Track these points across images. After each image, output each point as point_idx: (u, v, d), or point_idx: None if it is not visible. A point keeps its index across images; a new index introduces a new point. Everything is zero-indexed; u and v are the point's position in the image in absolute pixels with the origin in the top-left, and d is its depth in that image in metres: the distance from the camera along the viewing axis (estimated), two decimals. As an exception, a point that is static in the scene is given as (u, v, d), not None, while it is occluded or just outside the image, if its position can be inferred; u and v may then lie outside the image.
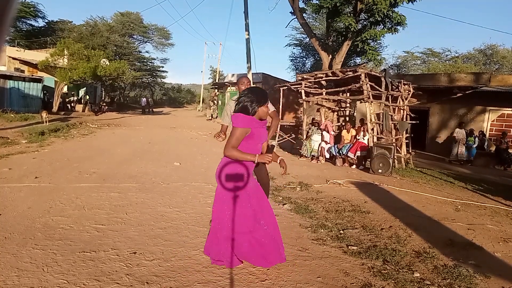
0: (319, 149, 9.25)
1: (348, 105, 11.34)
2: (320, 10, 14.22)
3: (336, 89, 10.40)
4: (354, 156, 8.64)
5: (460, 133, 11.54)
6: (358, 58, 24.79)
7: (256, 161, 2.68)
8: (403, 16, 12.71)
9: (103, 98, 32.21)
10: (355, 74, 9.12)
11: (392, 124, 9.43)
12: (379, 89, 9.13)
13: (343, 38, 14.80)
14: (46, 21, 35.25)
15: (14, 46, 24.99)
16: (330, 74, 10.16)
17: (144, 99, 34.66)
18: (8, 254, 2.79)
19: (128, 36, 39.87)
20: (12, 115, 14.48)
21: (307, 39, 24.18)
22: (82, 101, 24.24)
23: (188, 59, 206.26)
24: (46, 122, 13.23)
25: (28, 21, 33.79)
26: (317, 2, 14.10)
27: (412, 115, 10.60)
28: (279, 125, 3.68)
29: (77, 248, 2.98)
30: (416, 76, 16.27)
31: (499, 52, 29.63)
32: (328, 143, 9.36)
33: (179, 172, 6.63)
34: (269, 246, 2.75)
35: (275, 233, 2.86)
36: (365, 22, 14.39)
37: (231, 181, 2.77)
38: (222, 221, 2.76)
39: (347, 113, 11.48)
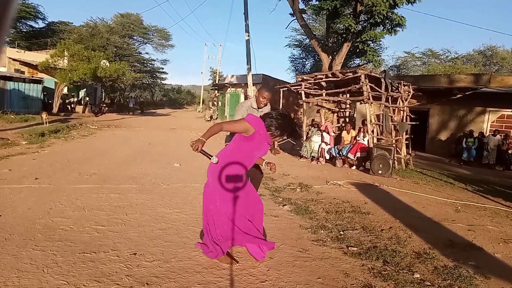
0: (319, 150, 9.25)
1: (348, 106, 11.35)
2: (320, 11, 14.27)
3: (336, 90, 10.40)
4: (354, 157, 8.64)
5: (491, 140, 11.40)
6: (358, 59, 24.84)
7: (191, 144, 2.56)
8: (403, 17, 12.74)
9: (103, 99, 32.23)
10: (355, 75, 9.13)
11: (392, 125, 9.44)
12: (379, 90, 9.13)
13: (343, 39, 14.83)
14: (46, 22, 35.39)
15: (14, 47, 25.02)
16: (330, 75, 10.17)
17: (132, 100, 34.88)
18: (8, 255, 2.79)
19: (128, 37, 39.96)
20: (12, 116, 14.49)
21: (307, 40, 24.24)
22: (82, 102, 24.26)
23: (188, 60, 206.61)
24: (46, 123, 13.23)
25: (28, 22, 33.91)
26: (317, 3, 14.13)
27: (412, 116, 10.60)
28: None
29: (77, 249, 2.98)
30: (416, 77, 16.29)
31: (499, 53, 29.70)
32: (328, 144, 9.36)
33: (179, 173, 6.63)
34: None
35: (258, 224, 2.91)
36: (365, 24, 14.42)
37: (231, 182, 2.77)
38: (220, 219, 2.77)
39: (347, 114, 11.48)
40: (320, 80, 10.56)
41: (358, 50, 14.52)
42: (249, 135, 2.73)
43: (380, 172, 7.72)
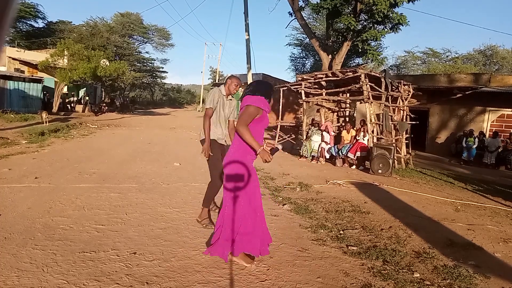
0: (319, 149, 9.25)
1: (348, 105, 11.34)
2: (320, 10, 14.25)
3: (336, 90, 10.40)
4: (354, 157, 8.64)
5: (492, 143, 11.38)
6: (358, 59, 24.82)
7: (258, 152, 2.68)
8: (404, 15, 12.72)
9: (103, 99, 32.19)
10: (355, 74, 9.12)
11: (392, 125, 9.44)
12: (379, 89, 9.13)
13: (343, 38, 14.82)
14: (46, 21, 35.35)
15: (14, 47, 24.99)
16: (330, 75, 10.17)
17: (119, 98, 35.22)
18: (8, 255, 2.79)
19: (128, 37, 39.91)
20: (12, 115, 14.48)
21: (307, 40, 24.19)
22: (82, 101, 24.24)
23: (188, 60, 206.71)
24: (46, 123, 13.22)
25: (28, 22, 33.88)
26: (317, 1, 14.12)
27: (412, 115, 10.60)
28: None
29: (77, 249, 2.98)
30: (416, 77, 16.29)
31: (499, 52, 29.68)
32: (328, 144, 9.36)
33: (179, 172, 6.63)
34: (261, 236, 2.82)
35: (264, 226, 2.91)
36: (365, 23, 14.40)
37: (231, 181, 2.77)
38: (223, 219, 2.80)
39: (347, 114, 11.48)
40: (320, 80, 10.56)
41: (359, 50, 14.47)
42: (259, 116, 2.79)
43: (380, 171, 7.72)
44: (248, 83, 3.09)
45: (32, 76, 20.94)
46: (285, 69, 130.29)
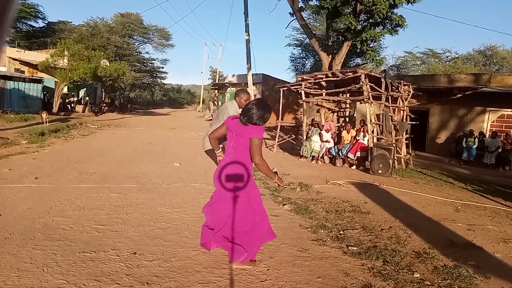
0: (324, 149, 9.21)
1: (348, 105, 11.34)
2: (320, 11, 14.25)
3: (336, 90, 10.40)
4: (354, 157, 8.64)
5: (491, 143, 11.35)
6: (358, 59, 24.82)
7: (275, 181, 2.86)
8: (403, 17, 12.72)
9: (103, 99, 32.20)
10: (355, 74, 9.12)
11: (392, 125, 9.43)
12: (379, 89, 9.13)
13: (343, 38, 14.81)
14: (46, 22, 35.36)
15: (14, 47, 24.98)
16: (330, 75, 10.16)
17: (117, 97, 35.71)
18: (8, 255, 2.79)
19: (128, 37, 39.94)
20: (12, 115, 14.47)
21: (307, 40, 24.18)
22: (82, 101, 24.23)
23: (188, 60, 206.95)
24: (46, 123, 13.23)
25: (28, 22, 33.86)
26: (317, 2, 14.11)
27: (412, 115, 10.60)
28: None
29: (77, 249, 2.98)
30: (416, 77, 16.29)
31: (499, 53, 29.67)
32: (329, 142, 9.34)
33: (179, 172, 6.63)
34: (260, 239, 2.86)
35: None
36: (365, 23, 14.40)
37: (231, 181, 2.78)
38: (219, 220, 2.79)
39: (347, 114, 11.48)
40: (320, 80, 10.55)
41: (358, 50, 14.46)
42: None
43: (380, 171, 7.72)
44: (249, 101, 3.09)
45: (32, 76, 20.93)
46: (285, 69, 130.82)
